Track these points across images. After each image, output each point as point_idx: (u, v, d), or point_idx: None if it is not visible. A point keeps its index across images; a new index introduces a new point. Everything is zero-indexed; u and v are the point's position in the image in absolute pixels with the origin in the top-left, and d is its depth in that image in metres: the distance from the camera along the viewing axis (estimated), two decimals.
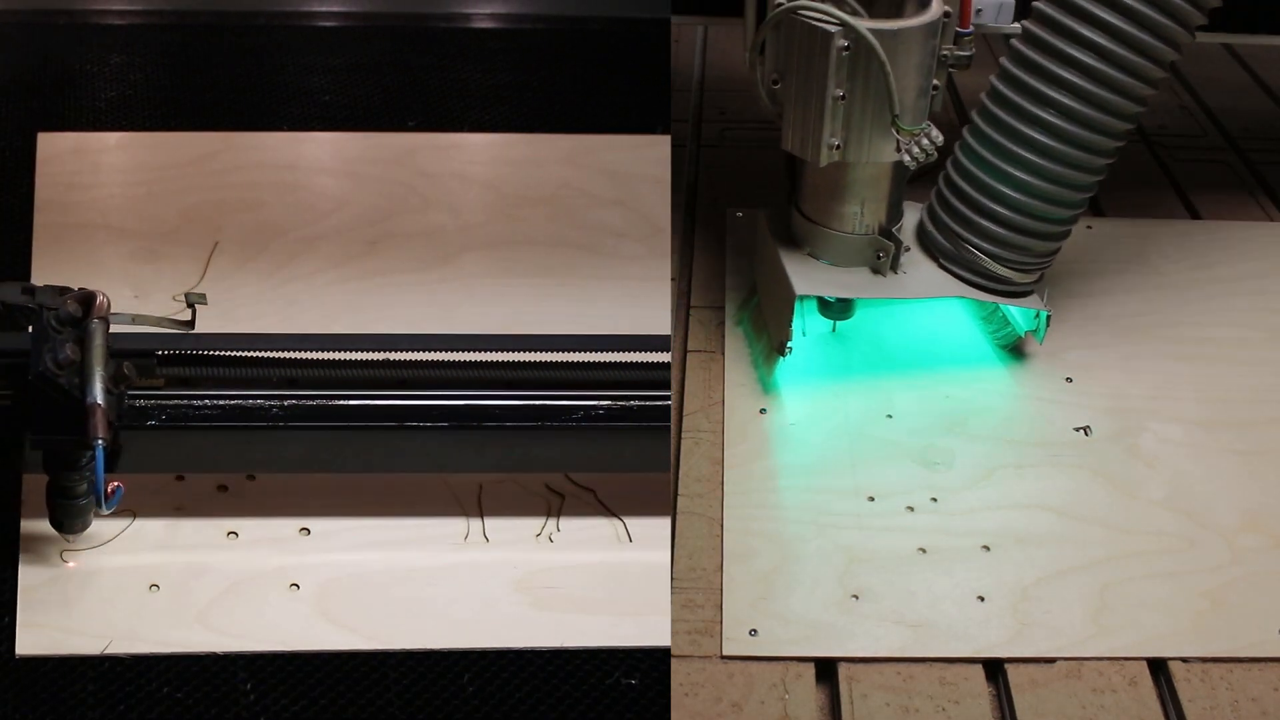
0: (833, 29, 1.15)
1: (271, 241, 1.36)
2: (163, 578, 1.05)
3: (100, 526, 1.07)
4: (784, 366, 1.32)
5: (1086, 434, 1.27)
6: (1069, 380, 1.34)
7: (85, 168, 1.43)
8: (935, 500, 1.19)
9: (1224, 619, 1.08)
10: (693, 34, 2.24)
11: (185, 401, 1.02)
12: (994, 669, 1.04)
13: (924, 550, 1.14)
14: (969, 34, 1.20)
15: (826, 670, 1.03)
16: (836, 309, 1.33)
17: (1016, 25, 1.27)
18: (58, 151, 1.44)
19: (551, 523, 1.12)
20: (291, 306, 1.28)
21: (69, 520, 1.03)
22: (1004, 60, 1.23)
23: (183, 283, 1.29)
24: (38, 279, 1.26)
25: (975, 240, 1.27)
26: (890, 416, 1.29)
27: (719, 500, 1.18)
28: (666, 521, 1.14)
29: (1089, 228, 1.62)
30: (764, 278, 1.40)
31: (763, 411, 1.29)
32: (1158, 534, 1.16)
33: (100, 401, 0.94)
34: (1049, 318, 1.31)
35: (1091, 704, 1.00)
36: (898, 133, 1.17)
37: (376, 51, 1.69)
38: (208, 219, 1.37)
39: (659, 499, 1.15)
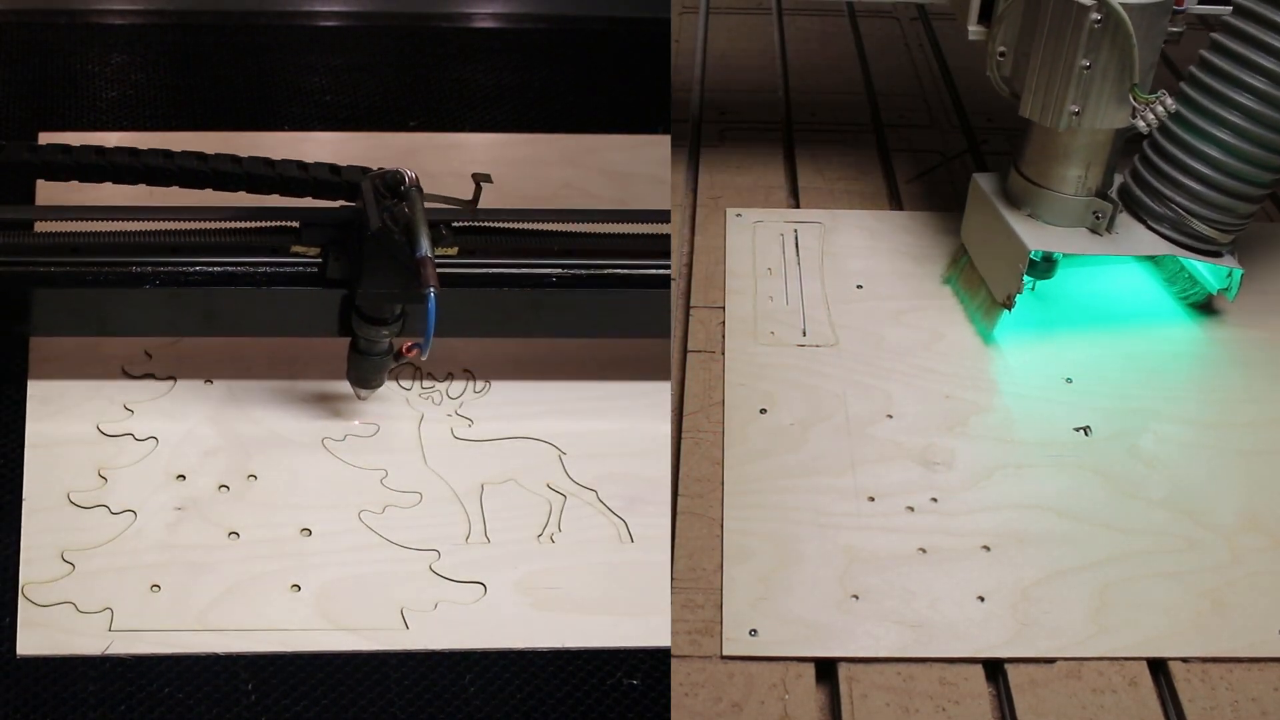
0: (1087, 3, 1.22)
1: None
2: (163, 578, 1.05)
3: (101, 528, 1.07)
4: (1003, 321, 1.40)
5: (1086, 434, 1.27)
6: (1069, 380, 1.35)
7: None
8: (935, 500, 1.19)
9: (1224, 619, 1.08)
10: (693, 34, 2.24)
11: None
12: (994, 669, 1.04)
13: (924, 550, 1.14)
14: (1181, 11, 1.28)
15: (826, 670, 1.03)
16: (1041, 268, 1.39)
17: (1223, 8, 1.36)
18: None
19: (553, 523, 1.13)
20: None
21: (368, 376, 1.15)
22: (1214, 34, 1.32)
23: None
24: None
25: (1181, 201, 1.35)
26: (890, 416, 1.29)
27: (719, 500, 1.18)
28: (666, 522, 1.14)
29: None
30: (980, 237, 1.47)
31: (763, 411, 1.29)
32: (1158, 534, 1.16)
33: (430, 255, 1.02)
34: (1242, 275, 1.39)
35: (1091, 704, 1.01)
36: (1135, 100, 1.25)
37: (377, 51, 1.69)
38: None
39: (659, 498, 1.16)
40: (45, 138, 1.45)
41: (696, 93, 2.01)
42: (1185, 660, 1.04)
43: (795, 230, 1.61)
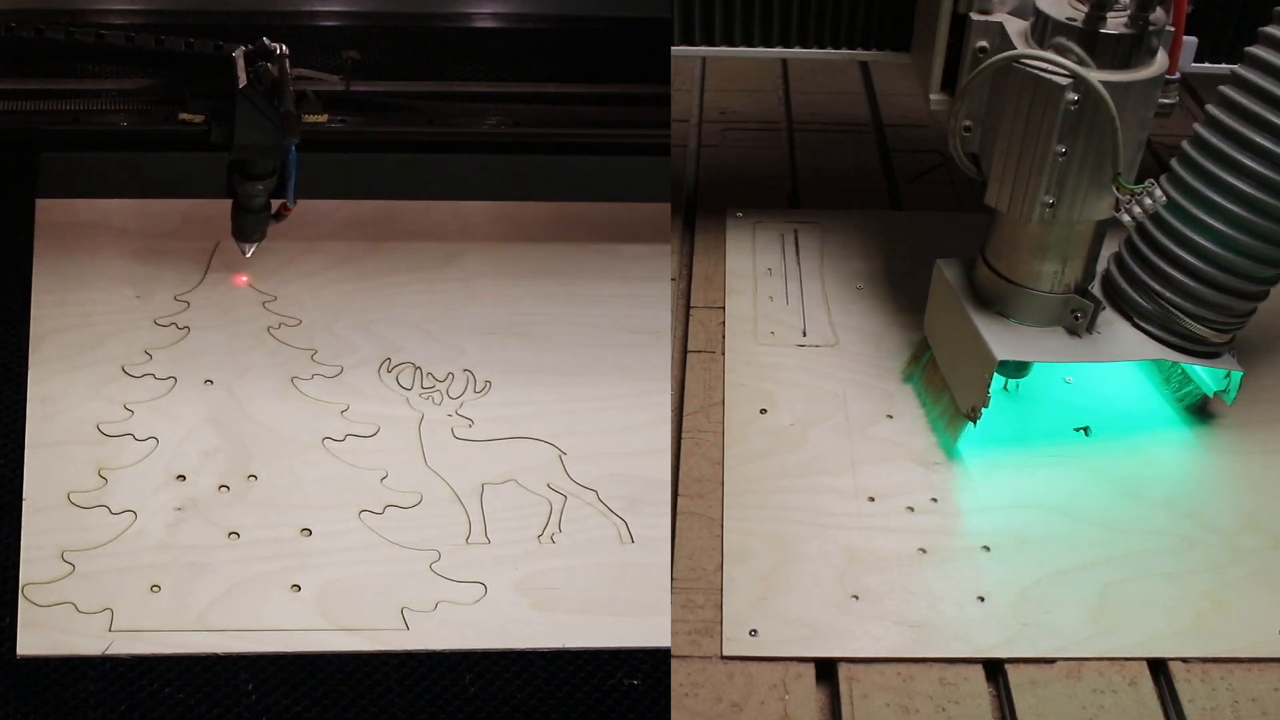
0: (1063, 81, 1.05)
1: (272, 241, 1.35)
2: (163, 578, 1.05)
3: (101, 528, 1.07)
4: (968, 433, 1.24)
5: (1086, 434, 1.27)
6: (1069, 380, 1.34)
7: None
8: (935, 500, 1.19)
9: (1224, 619, 1.08)
10: None
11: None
12: (994, 669, 1.04)
13: (924, 550, 1.14)
14: (1175, 80, 1.12)
15: (826, 670, 1.03)
16: (1012, 367, 1.25)
17: (1222, 66, 1.22)
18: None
19: (553, 523, 1.13)
20: (293, 307, 1.28)
21: (248, 230, 1.26)
22: (1210, 106, 1.16)
23: (184, 282, 1.30)
24: (38, 279, 1.27)
25: (1171, 296, 1.19)
26: (890, 416, 1.29)
27: (719, 500, 1.18)
28: (666, 522, 1.14)
29: None
30: (945, 334, 1.30)
31: (763, 411, 1.29)
32: (1158, 534, 1.16)
33: (292, 110, 1.15)
34: (1241, 378, 1.23)
35: (1091, 704, 1.01)
36: (1118, 190, 1.08)
37: (377, 51, 1.69)
38: (208, 219, 1.37)
39: (659, 498, 1.16)
40: None
41: (696, 93, 2.01)
42: (1185, 660, 1.04)
43: (795, 230, 1.61)
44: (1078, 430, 1.27)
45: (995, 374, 1.18)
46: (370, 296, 1.31)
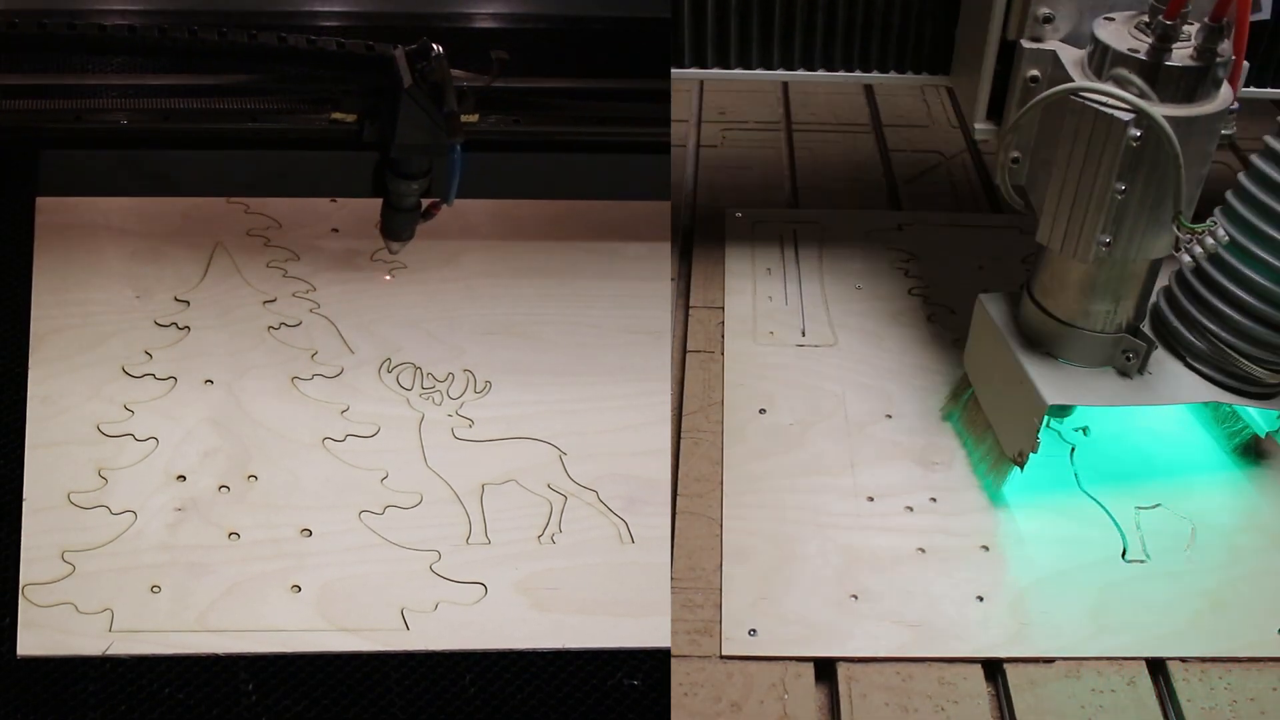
0: (1125, 116, 0.99)
1: (273, 241, 1.36)
2: (163, 578, 1.05)
3: (100, 528, 1.07)
4: (1013, 478, 1.20)
5: (1086, 434, 1.27)
6: (1084, 431, 1.34)
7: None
8: (935, 500, 1.19)
9: (1224, 619, 1.08)
10: None
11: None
12: (993, 669, 1.04)
13: (924, 550, 1.14)
14: (1234, 110, 1.04)
15: (826, 670, 1.04)
16: (1057, 407, 1.17)
17: (1268, 91, 1.17)
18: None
19: (553, 523, 1.13)
20: (293, 307, 1.28)
21: (400, 228, 1.28)
22: (1268, 138, 1.12)
23: (184, 283, 1.30)
24: (39, 279, 1.27)
25: (1228, 337, 1.14)
26: (890, 416, 1.29)
27: (719, 500, 1.18)
28: (666, 522, 1.14)
29: None
30: (988, 373, 1.24)
31: (762, 411, 1.29)
32: (1157, 534, 1.16)
33: (455, 110, 1.16)
34: None
35: (1091, 704, 1.01)
36: (1179, 229, 1.03)
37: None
38: (209, 219, 1.37)
39: (659, 498, 1.16)
40: None
41: (696, 93, 2.02)
42: (1184, 660, 1.04)
43: (795, 230, 1.61)
44: (1077, 430, 1.27)
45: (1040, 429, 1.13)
46: (370, 296, 1.31)
